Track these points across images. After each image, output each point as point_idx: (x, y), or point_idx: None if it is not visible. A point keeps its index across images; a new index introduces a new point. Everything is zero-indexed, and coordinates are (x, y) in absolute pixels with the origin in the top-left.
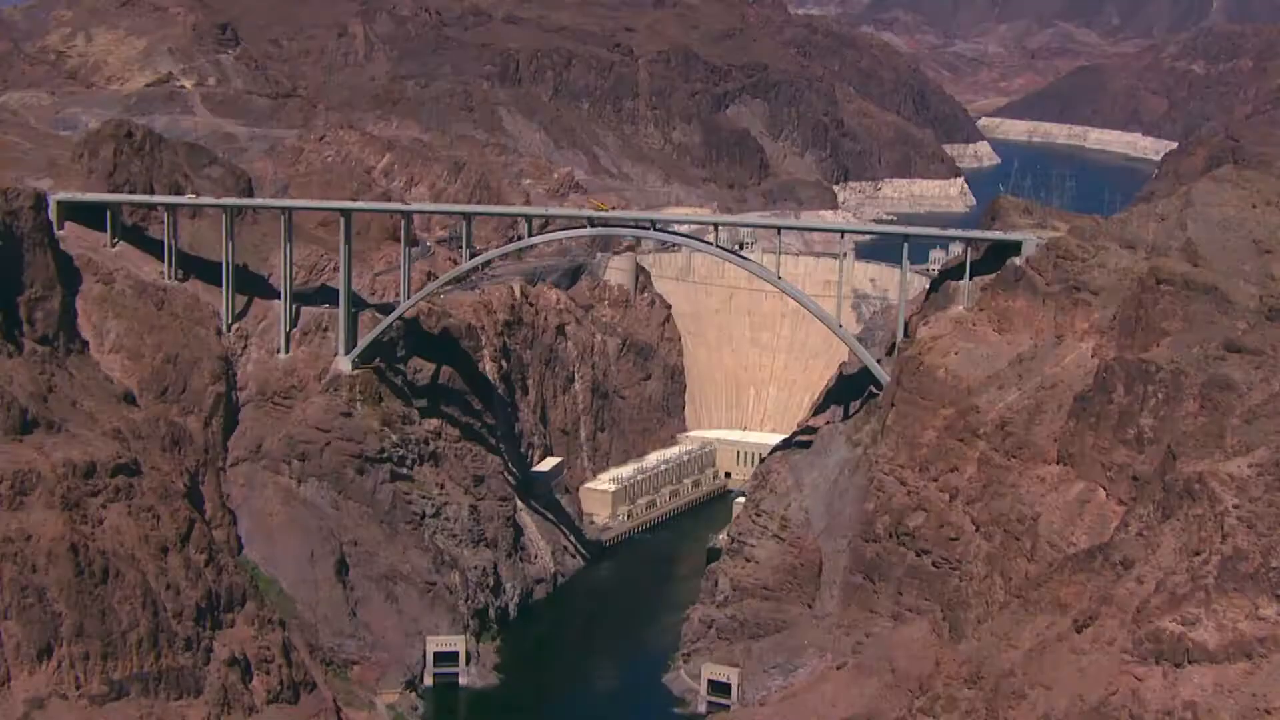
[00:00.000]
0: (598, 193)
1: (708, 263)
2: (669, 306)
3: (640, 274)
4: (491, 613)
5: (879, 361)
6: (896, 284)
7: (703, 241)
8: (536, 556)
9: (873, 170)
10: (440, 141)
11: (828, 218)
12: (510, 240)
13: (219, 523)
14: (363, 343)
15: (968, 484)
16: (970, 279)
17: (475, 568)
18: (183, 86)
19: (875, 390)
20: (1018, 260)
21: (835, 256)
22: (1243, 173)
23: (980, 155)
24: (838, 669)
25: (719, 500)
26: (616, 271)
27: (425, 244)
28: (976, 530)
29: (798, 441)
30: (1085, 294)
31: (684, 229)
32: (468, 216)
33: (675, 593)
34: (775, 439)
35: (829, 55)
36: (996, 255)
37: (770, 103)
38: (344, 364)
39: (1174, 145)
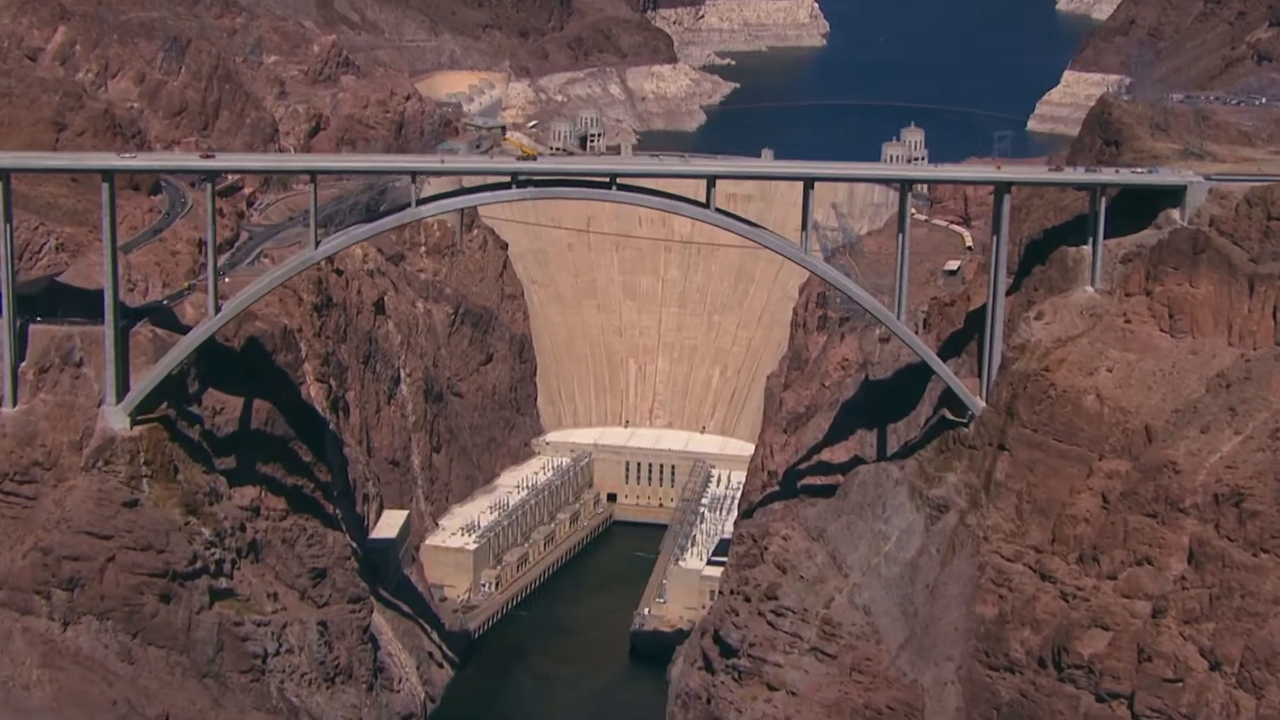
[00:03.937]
0: (358, 54)
1: None
2: (505, 246)
3: None
4: None
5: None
6: (861, 207)
7: (690, 203)
8: (401, 680)
9: None
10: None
11: (667, 75)
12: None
13: None
14: (144, 384)
15: (1179, 590)
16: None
17: None
18: None
19: (952, 415)
20: (1177, 215)
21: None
22: None
23: None
24: None
25: (605, 539)
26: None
27: (177, 190)
28: (1213, 669)
29: (804, 486)
30: None
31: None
32: (313, 176)
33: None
34: (678, 437)
35: None
36: (1133, 200)
37: None
38: (116, 418)
39: None
